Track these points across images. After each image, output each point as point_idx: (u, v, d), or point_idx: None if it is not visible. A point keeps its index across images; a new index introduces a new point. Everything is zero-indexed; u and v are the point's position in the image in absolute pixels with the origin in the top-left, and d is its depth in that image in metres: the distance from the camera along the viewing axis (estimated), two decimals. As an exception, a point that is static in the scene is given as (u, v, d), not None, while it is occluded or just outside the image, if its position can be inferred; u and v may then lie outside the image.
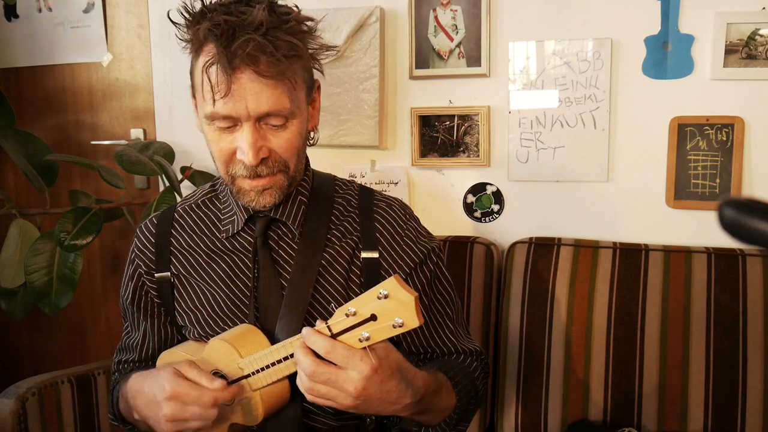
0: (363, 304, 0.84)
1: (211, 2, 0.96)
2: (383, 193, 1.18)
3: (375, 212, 1.12)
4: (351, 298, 1.06)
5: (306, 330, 0.87)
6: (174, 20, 0.97)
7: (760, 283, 1.46)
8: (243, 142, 0.95)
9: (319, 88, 1.06)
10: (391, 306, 0.82)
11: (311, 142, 1.09)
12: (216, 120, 0.95)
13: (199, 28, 0.93)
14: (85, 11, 2.11)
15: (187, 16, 0.96)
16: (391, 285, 0.82)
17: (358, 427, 1.10)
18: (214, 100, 0.93)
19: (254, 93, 0.92)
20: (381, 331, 0.84)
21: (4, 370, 2.38)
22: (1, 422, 1.37)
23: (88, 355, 2.32)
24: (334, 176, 1.18)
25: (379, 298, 0.83)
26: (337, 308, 0.87)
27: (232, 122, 0.95)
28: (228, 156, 0.98)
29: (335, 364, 0.85)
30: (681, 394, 1.47)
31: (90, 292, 2.27)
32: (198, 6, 0.96)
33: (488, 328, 1.61)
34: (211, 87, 0.92)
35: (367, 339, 0.84)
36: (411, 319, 0.82)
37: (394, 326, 0.83)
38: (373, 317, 0.84)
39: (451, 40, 1.74)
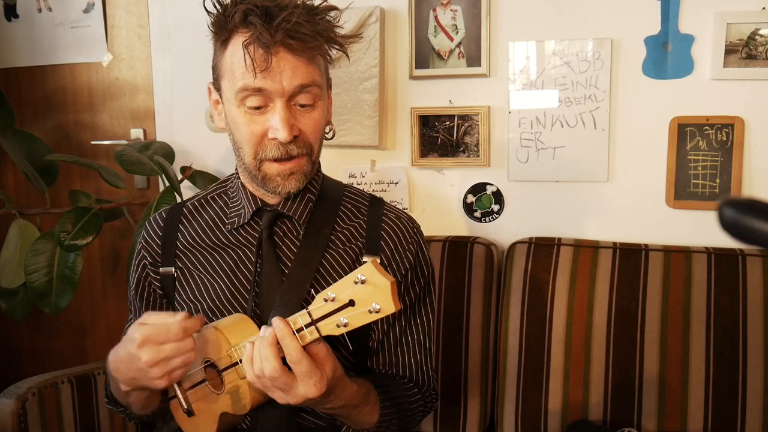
0: (341, 289, 0.84)
1: None
2: (394, 206, 1.19)
3: (383, 221, 1.13)
4: None
5: (282, 329, 0.88)
6: (208, 9, 1.00)
7: (760, 283, 1.46)
8: (276, 119, 0.98)
9: (331, 86, 1.09)
10: (368, 291, 0.82)
11: (328, 135, 1.11)
12: (249, 97, 0.98)
13: (235, 13, 0.96)
14: (85, 11, 2.11)
15: (219, 6, 0.99)
16: (368, 270, 0.82)
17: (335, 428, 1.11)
18: (255, 75, 0.95)
19: (290, 68, 0.96)
20: (359, 316, 0.83)
21: (4, 370, 2.37)
22: (1, 422, 1.37)
23: (88, 355, 2.32)
24: (345, 184, 1.20)
25: (356, 282, 0.82)
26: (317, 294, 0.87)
27: (264, 101, 0.98)
28: (258, 138, 1.00)
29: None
30: (681, 394, 1.47)
31: (90, 292, 2.27)
32: None
33: (488, 328, 1.61)
34: (253, 62, 0.94)
35: (345, 325, 0.84)
36: (387, 305, 0.82)
37: (370, 311, 0.82)
38: (351, 303, 0.83)
39: (451, 40, 1.74)
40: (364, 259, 1.09)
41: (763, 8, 1.54)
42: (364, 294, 0.82)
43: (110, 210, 1.89)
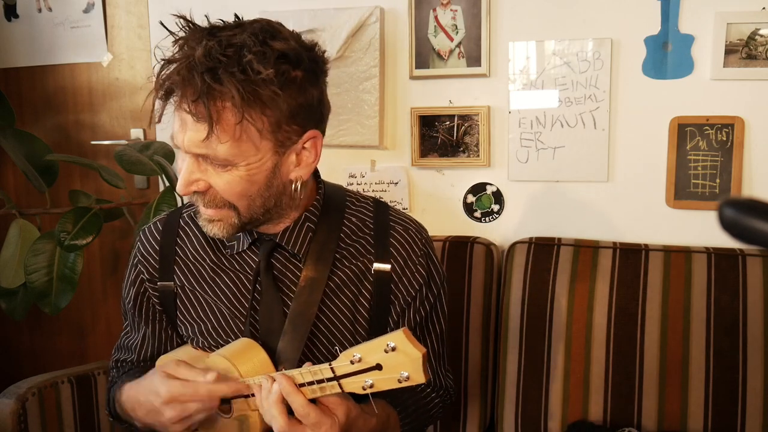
0: (369, 352, 0.83)
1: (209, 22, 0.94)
2: (399, 210, 1.15)
3: (391, 235, 1.09)
4: (358, 320, 1.06)
5: (285, 386, 0.88)
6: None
7: (760, 283, 1.46)
8: (183, 169, 0.94)
9: (314, 139, 0.98)
10: (399, 359, 0.82)
11: (294, 194, 1.00)
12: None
13: (165, 77, 0.90)
14: (85, 11, 2.11)
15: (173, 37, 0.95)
16: (399, 338, 0.81)
17: None
18: (173, 129, 0.92)
19: (188, 131, 0.90)
20: (386, 381, 0.83)
21: (4, 370, 2.38)
22: (1, 422, 1.37)
23: (88, 355, 2.32)
24: (345, 190, 1.15)
25: (386, 351, 0.82)
26: (341, 351, 0.86)
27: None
28: None
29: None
30: (681, 394, 1.47)
31: (90, 292, 2.27)
32: (181, 26, 0.95)
33: (488, 328, 1.61)
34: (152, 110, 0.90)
35: (371, 386, 0.84)
36: (418, 375, 0.81)
37: (399, 380, 0.82)
38: (378, 366, 0.83)
39: (451, 40, 1.74)
40: (373, 265, 1.07)
41: (763, 8, 1.54)
42: (394, 361, 0.82)
43: (110, 210, 1.89)
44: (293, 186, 0.98)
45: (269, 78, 0.86)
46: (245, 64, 0.85)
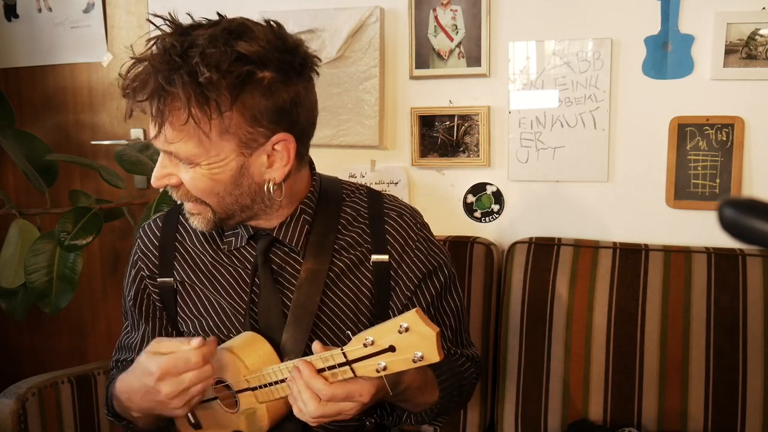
0: (382, 334, 0.83)
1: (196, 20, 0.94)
2: (392, 197, 1.15)
3: (386, 222, 1.10)
4: (360, 309, 1.06)
5: (307, 374, 0.88)
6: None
7: (760, 283, 1.46)
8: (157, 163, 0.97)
9: (285, 141, 0.95)
10: (412, 339, 0.81)
11: (268, 194, 0.99)
12: None
13: (130, 84, 0.91)
14: (85, 11, 2.11)
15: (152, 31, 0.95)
16: (412, 318, 0.81)
17: (358, 429, 1.10)
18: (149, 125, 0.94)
19: (154, 126, 0.91)
20: (399, 362, 0.83)
21: (4, 370, 2.38)
22: (1, 422, 1.37)
23: (88, 355, 2.32)
24: (340, 180, 1.15)
25: (399, 332, 0.81)
26: (353, 336, 0.86)
27: None
28: None
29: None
30: (681, 394, 1.47)
31: (90, 292, 2.27)
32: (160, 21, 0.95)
33: (488, 328, 1.61)
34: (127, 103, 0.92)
35: (384, 369, 0.84)
36: (432, 354, 0.81)
37: (414, 360, 0.82)
38: (392, 348, 0.83)
39: (451, 40, 1.74)
40: (372, 256, 1.07)
41: (763, 8, 1.54)
42: (407, 342, 0.82)
43: (110, 210, 1.89)
44: (265, 187, 0.98)
45: (215, 80, 0.86)
46: (194, 66, 0.86)
